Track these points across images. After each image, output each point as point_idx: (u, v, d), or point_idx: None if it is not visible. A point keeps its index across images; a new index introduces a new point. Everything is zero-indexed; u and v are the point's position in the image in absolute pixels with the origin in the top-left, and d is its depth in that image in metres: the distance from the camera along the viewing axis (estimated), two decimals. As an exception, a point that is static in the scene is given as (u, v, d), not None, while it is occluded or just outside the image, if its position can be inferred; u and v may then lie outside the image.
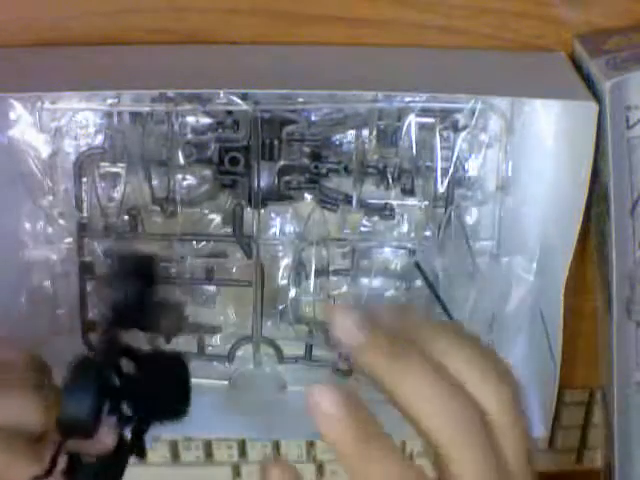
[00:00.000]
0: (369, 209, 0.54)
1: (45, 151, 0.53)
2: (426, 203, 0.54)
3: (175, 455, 0.61)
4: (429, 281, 0.54)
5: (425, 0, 0.52)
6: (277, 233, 0.56)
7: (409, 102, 0.51)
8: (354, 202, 0.54)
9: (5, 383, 0.42)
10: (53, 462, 0.39)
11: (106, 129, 0.53)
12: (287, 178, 0.53)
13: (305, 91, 0.51)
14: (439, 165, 0.52)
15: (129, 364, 0.40)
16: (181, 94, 0.51)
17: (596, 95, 0.48)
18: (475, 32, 0.53)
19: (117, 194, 0.54)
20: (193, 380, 0.41)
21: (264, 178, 0.53)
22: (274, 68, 0.51)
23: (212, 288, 0.57)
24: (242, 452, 0.61)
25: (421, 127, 0.52)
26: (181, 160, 0.53)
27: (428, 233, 0.54)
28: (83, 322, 0.57)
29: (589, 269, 0.57)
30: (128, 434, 0.40)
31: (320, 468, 0.62)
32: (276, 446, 0.61)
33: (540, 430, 0.56)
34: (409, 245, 0.55)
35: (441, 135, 0.52)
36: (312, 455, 0.61)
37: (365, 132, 0.53)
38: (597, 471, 0.62)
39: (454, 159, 0.53)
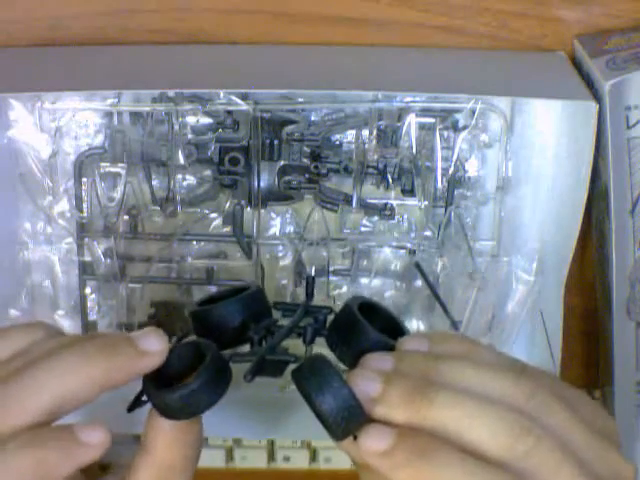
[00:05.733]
0: (369, 209, 0.54)
1: (45, 151, 0.53)
2: (426, 203, 0.54)
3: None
4: (429, 281, 0.54)
5: (425, 0, 0.53)
6: (277, 233, 0.56)
7: (409, 102, 0.51)
8: (354, 202, 0.54)
9: None
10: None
11: (106, 129, 0.53)
12: (287, 178, 0.53)
13: (305, 91, 0.51)
14: (439, 165, 0.52)
15: None
16: (181, 94, 0.51)
17: (596, 95, 0.48)
18: (475, 32, 0.53)
19: (117, 194, 0.54)
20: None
21: (264, 178, 0.53)
22: (274, 68, 0.51)
23: (212, 288, 0.57)
24: (235, 438, 0.62)
25: (421, 127, 0.52)
26: (181, 160, 0.53)
27: (428, 233, 0.54)
28: (83, 322, 0.57)
29: (589, 269, 0.57)
30: None
31: (314, 454, 0.62)
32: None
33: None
34: (409, 245, 0.55)
35: (441, 135, 0.52)
36: (306, 442, 0.62)
37: (365, 132, 0.53)
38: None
39: (454, 159, 0.53)
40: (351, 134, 0.53)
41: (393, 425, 0.35)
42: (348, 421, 0.35)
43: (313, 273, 0.55)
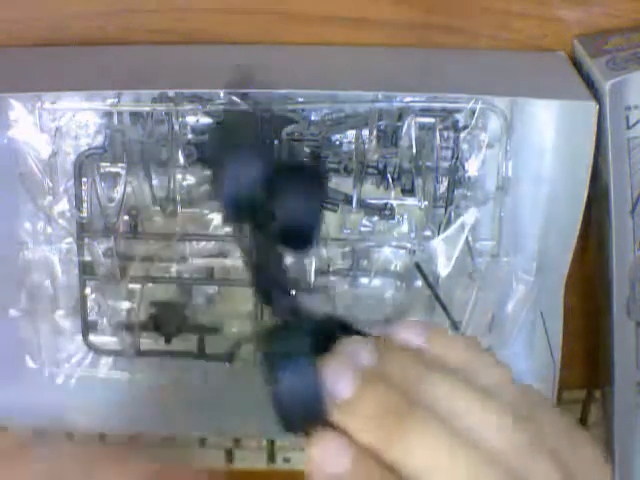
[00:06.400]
0: (369, 209, 0.54)
1: (45, 151, 0.53)
2: (426, 203, 0.54)
3: (170, 438, 0.61)
4: (429, 281, 0.54)
5: (425, 0, 0.53)
6: (277, 233, 0.56)
7: (409, 102, 0.51)
8: (354, 202, 0.54)
9: None
10: None
11: (106, 129, 0.53)
12: (287, 178, 0.53)
13: (305, 91, 0.51)
14: (439, 165, 0.52)
15: None
16: (181, 94, 0.51)
17: (596, 95, 0.48)
18: (475, 32, 0.53)
19: (117, 194, 0.54)
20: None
21: (264, 178, 0.53)
22: (274, 68, 0.51)
23: (212, 288, 0.57)
24: (235, 438, 0.61)
25: (421, 127, 0.52)
26: (181, 160, 0.53)
27: (428, 233, 0.54)
28: (83, 322, 0.57)
29: (589, 269, 0.57)
30: None
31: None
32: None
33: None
34: (409, 245, 0.55)
35: (441, 135, 0.52)
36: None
37: (365, 132, 0.53)
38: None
39: (454, 159, 0.53)
40: (351, 134, 0.53)
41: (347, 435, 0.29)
42: (306, 413, 0.30)
43: (313, 273, 0.55)
